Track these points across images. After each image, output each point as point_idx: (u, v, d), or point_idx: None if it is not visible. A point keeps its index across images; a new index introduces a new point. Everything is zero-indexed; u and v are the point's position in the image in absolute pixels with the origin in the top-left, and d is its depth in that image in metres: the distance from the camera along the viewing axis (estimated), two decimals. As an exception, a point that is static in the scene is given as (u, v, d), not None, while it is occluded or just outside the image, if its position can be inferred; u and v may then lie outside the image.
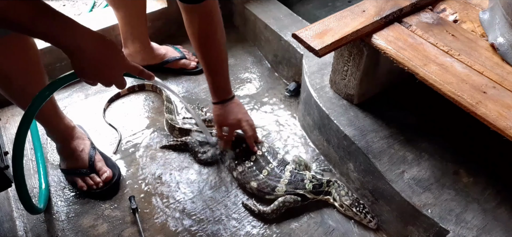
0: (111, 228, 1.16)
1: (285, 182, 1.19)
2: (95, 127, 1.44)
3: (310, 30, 1.09)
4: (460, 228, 0.97)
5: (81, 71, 0.84)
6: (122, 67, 0.89)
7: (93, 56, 0.81)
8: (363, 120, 1.23)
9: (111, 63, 0.85)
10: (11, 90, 1.08)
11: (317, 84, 1.34)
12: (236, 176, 1.26)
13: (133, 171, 1.31)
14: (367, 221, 1.13)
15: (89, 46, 0.80)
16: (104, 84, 0.89)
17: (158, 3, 1.76)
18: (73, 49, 0.79)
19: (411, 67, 1.00)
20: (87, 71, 0.83)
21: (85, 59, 0.81)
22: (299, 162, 1.28)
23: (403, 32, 1.10)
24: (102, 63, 0.84)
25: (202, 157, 1.32)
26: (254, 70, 1.72)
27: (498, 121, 0.86)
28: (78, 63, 0.82)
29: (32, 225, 1.16)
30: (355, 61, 1.17)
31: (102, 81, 0.88)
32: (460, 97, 0.91)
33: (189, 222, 1.18)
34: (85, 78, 0.86)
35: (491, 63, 0.99)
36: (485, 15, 1.10)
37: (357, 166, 1.20)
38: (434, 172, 1.10)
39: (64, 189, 1.26)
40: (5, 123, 1.45)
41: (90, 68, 0.83)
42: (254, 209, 1.19)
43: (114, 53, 0.85)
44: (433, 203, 1.02)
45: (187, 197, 1.24)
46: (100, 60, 0.83)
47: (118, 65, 0.87)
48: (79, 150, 1.25)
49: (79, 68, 0.83)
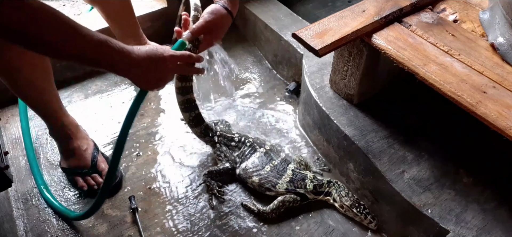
0: (111, 228, 1.16)
1: (287, 180, 1.19)
2: (95, 127, 1.44)
3: (310, 30, 1.09)
4: (460, 228, 0.97)
5: (145, 85, 0.93)
6: (174, 62, 0.95)
7: (147, 71, 0.89)
8: (363, 120, 1.23)
9: (162, 67, 0.92)
10: (19, 83, 1.09)
11: (317, 84, 1.34)
12: (239, 172, 1.26)
13: (133, 171, 1.31)
14: (367, 222, 1.13)
15: (141, 65, 0.87)
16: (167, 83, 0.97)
17: (158, 3, 1.76)
18: (128, 72, 0.88)
19: (411, 67, 1.00)
20: (149, 83, 0.93)
21: (142, 76, 0.90)
22: (300, 161, 1.28)
23: (403, 32, 1.10)
24: (156, 72, 0.91)
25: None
26: (254, 70, 1.72)
27: (498, 121, 0.86)
28: (138, 81, 0.91)
29: (32, 225, 1.16)
30: (355, 61, 1.17)
31: (164, 82, 0.96)
32: (460, 97, 0.91)
33: (189, 222, 1.18)
34: (151, 89, 0.96)
35: (491, 63, 0.99)
36: (485, 15, 1.10)
37: (357, 166, 1.20)
38: (434, 172, 1.10)
39: (64, 189, 1.26)
40: (5, 123, 1.45)
41: (150, 80, 0.92)
42: (254, 208, 1.19)
43: (161, 59, 0.91)
44: (433, 203, 1.02)
45: (187, 197, 1.24)
46: (153, 69, 0.90)
47: (169, 65, 0.93)
48: (82, 149, 1.25)
49: (141, 83, 0.93)
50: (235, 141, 1.30)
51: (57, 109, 1.22)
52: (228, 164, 1.27)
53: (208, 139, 1.32)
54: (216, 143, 1.30)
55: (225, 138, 1.31)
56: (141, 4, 1.73)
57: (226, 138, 1.31)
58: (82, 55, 0.79)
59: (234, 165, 1.27)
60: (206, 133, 1.31)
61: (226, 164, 1.27)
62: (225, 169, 1.26)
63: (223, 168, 1.26)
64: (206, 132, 1.31)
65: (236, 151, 1.29)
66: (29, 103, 1.20)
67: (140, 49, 0.87)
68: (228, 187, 1.27)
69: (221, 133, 1.31)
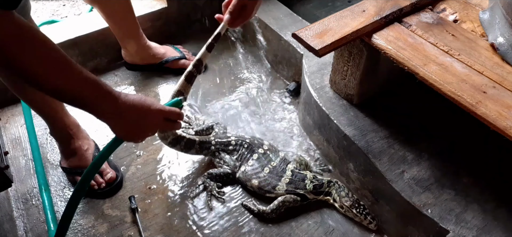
0: (111, 228, 1.16)
1: (286, 181, 1.19)
2: (95, 127, 1.44)
3: (310, 30, 1.09)
4: (460, 228, 0.97)
5: (123, 135, 0.89)
6: (160, 118, 0.92)
7: (129, 121, 0.86)
8: (363, 120, 1.23)
9: (146, 121, 0.89)
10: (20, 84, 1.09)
11: (317, 84, 1.34)
12: (239, 175, 1.26)
13: (133, 171, 1.31)
14: (367, 222, 1.13)
15: (124, 114, 0.84)
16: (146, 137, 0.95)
17: (158, 3, 1.76)
18: (109, 119, 0.84)
19: (411, 67, 1.00)
20: (128, 134, 0.89)
21: (123, 125, 0.86)
22: (300, 161, 1.28)
23: (403, 32, 1.10)
24: (138, 124, 0.88)
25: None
26: (254, 70, 1.72)
27: (498, 121, 0.86)
28: (117, 129, 0.87)
29: (32, 225, 1.16)
30: (355, 61, 1.17)
31: (144, 136, 0.93)
32: (460, 97, 0.91)
33: (189, 222, 1.18)
34: (128, 140, 0.91)
35: (491, 63, 0.99)
36: (485, 15, 1.10)
37: (357, 166, 1.20)
38: (434, 172, 1.10)
39: (64, 189, 1.26)
40: (5, 123, 1.45)
41: (130, 131, 0.88)
42: (254, 209, 1.19)
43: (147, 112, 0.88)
44: (433, 203, 1.02)
45: (187, 197, 1.24)
46: (135, 121, 0.87)
47: (154, 120, 0.90)
48: (84, 149, 1.26)
49: (119, 132, 0.88)
50: (232, 145, 1.30)
51: (58, 109, 1.22)
52: (228, 169, 1.27)
53: (206, 153, 1.32)
54: (215, 152, 1.30)
55: (222, 144, 1.30)
56: (141, 4, 1.73)
57: (223, 143, 1.30)
58: (66, 87, 0.74)
59: (234, 170, 1.27)
60: (202, 149, 1.30)
61: (227, 169, 1.27)
62: (225, 173, 1.26)
63: (223, 172, 1.26)
64: (202, 149, 1.30)
65: (235, 154, 1.29)
66: (30, 103, 1.20)
67: (127, 97, 0.84)
68: (228, 188, 1.27)
69: (216, 141, 1.31)
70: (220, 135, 1.34)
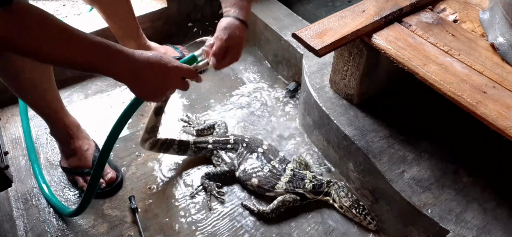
0: (111, 228, 1.16)
1: (286, 180, 1.19)
2: (95, 128, 1.44)
3: (310, 30, 1.09)
4: (460, 228, 0.97)
5: (141, 93, 0.88)
6: (178, 76, 0.90)
7: (145, 78, 0.84)
8: (363, 120, 1.23)
9: (163, 78, 0.87)
10: (21, 84, 1.09)
11: (317, 84, 1.34)
12: (238, 174, 1.26)
13: (133, 171, 1.31)
14: (367, 222, 1.13)
15: (140, 71, 0.82)
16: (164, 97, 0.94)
17: (158, 3, 1.76)
18: (125, 78, 0.82)
19: (411, 67, 1.00)
20: (146, 92, 0.87)
21: (140, 83, 0.84)
22: (300, 161, 1.28)
23: (403, 32, 1.10)
24: (156, 81, 0.86)
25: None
26: (254, 70, 1.72)
27: (498, 121, 0.86)
28: (134, 88, 0.85)
29: (32, 225, 1.16)
30: (355, 61, 1.17)
31: (161, 95, 0.91)
32: (460, 97, 0.91)
33: (189, 222, 1.18)
34: (146, 99, 0.91)
35: (491, 63, 0.99)
36: (485, 15, 1.10)
37: (357, 166, 1.20)
38: (434, 172, 1.10)
39: (64, 189, 1.26)
40: (5, 123, 1.45)
41: (147, 89, 0.86)
42: (254, 208, 1.19)
43: (164, 69, 0.86)
44: (433, 203, 1.02)
45: (187, 196, 1.24)
46: (152, 78, 0.85)
47: (171, 78, 0.88)
48: (84, 150, 1.26)
49: (137, 91, 0.87)
50: (231, 143, 1.30)
51: (59, 109, 1.22)
52: (226, 167, 1.27)
53: (204, 153, 1.32)
54: (212, 150, 1.31)
55: (220, 143, 1.31)
56: (141, 4, 1.73)
57: (221, 142, 1.31)
58: (76, 59, 0.75)
59: (232, 168, 1.27)
60: (199, 150, 1.31)
61: (225, 167, 1.27)
62: (223, 172, 1.26)
63: (221, 171, 1.26)
64: (199, 150, 1.30)
65: (234, 153, 1.29)
66: (30, 103, 1.20)
67: (142, 54, 0.83)
68: (228, 187, 1.27)
69: (214, 140, 1.31)
70: (219, 134, 1.35)
